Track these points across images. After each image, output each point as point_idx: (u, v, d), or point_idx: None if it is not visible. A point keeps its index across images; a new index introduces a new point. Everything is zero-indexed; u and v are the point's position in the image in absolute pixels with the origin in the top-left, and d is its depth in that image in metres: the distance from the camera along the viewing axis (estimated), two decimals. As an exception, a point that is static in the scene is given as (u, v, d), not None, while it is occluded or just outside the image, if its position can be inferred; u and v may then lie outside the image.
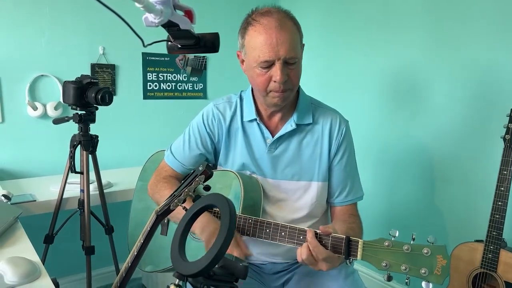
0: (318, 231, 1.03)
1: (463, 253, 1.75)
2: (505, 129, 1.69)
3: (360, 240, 0.97)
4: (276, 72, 1.14)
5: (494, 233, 1.65)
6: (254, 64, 1.17)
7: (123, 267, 1.09)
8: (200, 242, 1.27)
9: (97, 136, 1.76)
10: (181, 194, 1.05)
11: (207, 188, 1.09)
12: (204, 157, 1.35)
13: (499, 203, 1.65)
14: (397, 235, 0.93)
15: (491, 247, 1.65)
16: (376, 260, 0.93)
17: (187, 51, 0.76)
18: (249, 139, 1.31)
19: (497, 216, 1.65)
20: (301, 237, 1.07)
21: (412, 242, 0.92)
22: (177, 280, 0.80)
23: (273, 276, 1.34)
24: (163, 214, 1.07)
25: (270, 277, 1.34)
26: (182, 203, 1.04)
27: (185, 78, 2.67)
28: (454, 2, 1.99)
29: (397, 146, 2.31)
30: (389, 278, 0.93)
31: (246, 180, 1.25)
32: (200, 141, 1.33)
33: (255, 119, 1.29)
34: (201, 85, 2.74)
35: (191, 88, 2.70)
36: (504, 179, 1.65)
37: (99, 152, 1.82)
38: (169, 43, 0.77)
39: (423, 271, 0.88)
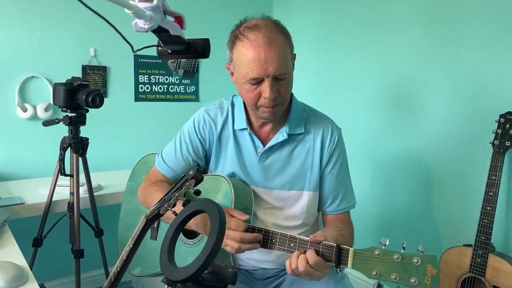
0: (307, 238, 1.04)
1: (452, 257, 1.76)
2: (494, 134, 1.72)
3: (350, 248, 0.97)
4: (265, 89, 1.13)
5: (482, 237, 1.67)
6: (243, 80, 1.15)
7: (112, 271, 1.09)
8: (190, 248, 1.27)
9: (87, 139, 1.75)
10: (171, 198, 1.05)
11: (198, 192, 1.08)
12: (195, 163, 1.35)
13: (488, 208, 1.67)
14: (387, 243, 0.94)
15: (480, 251, 1.67)
16: (367, 269, 0.93)
17: (178, 56, 0.76)
18: (240, 148, 1.30)
19: (485, 221, 1.67)
20: (292, 245, 1.07)
21: (402, 251, 0.93)
22: (166, 286, 0.80)
23: (264, 282, 1.34)
24: (153, 219, 1.06)
25: (261, 282, 1.34)
26: (172, 207, 1.04)
27: (177, 81, 2.67)
28: (451, 8, 2.01)
29: (391, 151, 2.32)
30: (379, 287, 0.94)
31: (237, 185, 1.25)
32: (192, 148, 1.32)
33: (246, 129, 1.28)
34: (193, 88, 2.74)
35: (183, 91, 2.70)
36: (492, 184, 1.67)
37: (90, 154, 1.80)
38: (159, 48, 0.77)
39: (412, 280, 0.88)
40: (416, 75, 2.16)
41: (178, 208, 0.98)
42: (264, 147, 1.28)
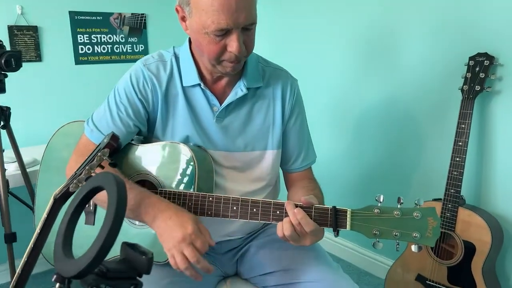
0: (298, 203, 0.93)
1: (421, 213, 1.66)
2: (463, 79, 1.58)
3: (348, 209, 0.91)
4: (233, 41, 0.95)
5: (452, 190, 1.56)
6: (204, 30, 0.96)
7: (20, 264, 0.91)
8: (142, 229, 1.10)
9: (8, 108, 1.52)
10: (82, 173, 0.86)
11: (113, 164, 0.90)
12: (137, 129, 1.14)
13: (457, 158, 1.55)
14: (382, 200, 0.89)
15: (449, 205, 1.57)
16: (366, 229, 0.89)
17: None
18: (193, 107, 1.12)
19: (455, 172, 1.56)
20: (278, 212, 0.95)
21: (399, 205, 0.89)
22: (57, 284, 0.63)
23: (227, 255, 1.21)
24: (62, 198, 0.88)
25: (225, 256, 1.21)
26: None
27: (122, 39, 2.41)
28: None
29: (359, 105, 2.17)
30: (377, 245, 0.89)
31: (198, 153, 1.08)
32: (132, 110, 1.10)
33: (199, 84, 1.10)
34: (141, 47, 2.48)
35: (131, 50, 2.45)
36: (462, 133, 1.55)
37: (24, 126, 1.59)
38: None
39: (415, 235, 0.87)
40: (384, 20, 1.98)
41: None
42: (221, 105, 1.11)
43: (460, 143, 1.55)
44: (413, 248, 0.87)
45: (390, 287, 1.78)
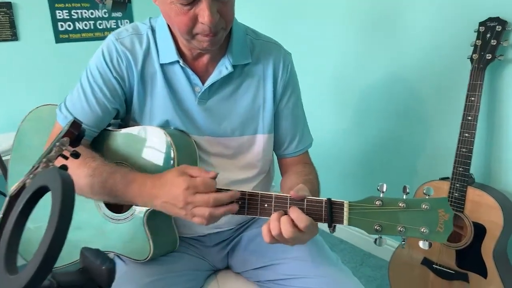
0: (287, 195, 0.80)
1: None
2: (472, 47, 1.44)
3: (345, 202, 0.78)
4: (203, 10, 0.82)
5: (460, 169, 1.45)
6: None
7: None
8: (119, 223, 0.99)
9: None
10: (38, 167, 0.75)
11: (76, 155, 0.78)
12: (115, 111, 1.02)
13: (466, 134, 1.43)
14: (385, 189, 0.77)
15: (458, 184, 1.45)
16: (367, 224, 0.77)
17: None
18: (173, 87, 0.99)
19: (463, 149, 1.44)
20: (266, 205, 0.82)
21: (405, 196, 0.76)
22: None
23: (216, 247, 1.11)
24: (18, 197, 0.77)
25: (214, 249, 1.11)
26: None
27: (105, 14, 2.25)
28: None
29: (360, 81, 2.03)
30: (380, 242, 0.78)
31: (177, 137, 0.96)
32: (107, 90, 0.97)
33: (178, 62, 0.96)
34: (126, 22, 2.32)
35: (115, 26, 2.29)
36: (471, 106, 1.42)
37: (0, 111, 1.46)
38: None
39: (423, 230, 0.74)
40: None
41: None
42: (203, 84, 0.98)
43: (469, 118, 1.43)
44: (421, 244, 0.75)
45: (395, 270, 1.69)
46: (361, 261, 2.07)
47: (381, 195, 0.77)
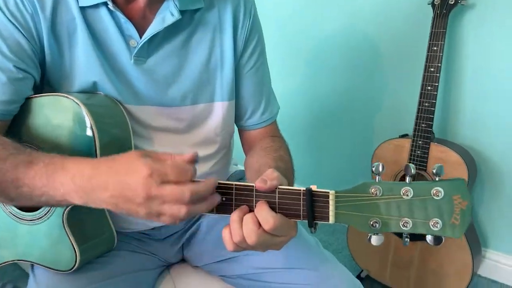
0: (252, 184, 0.58)
1: (386, 152, 1.46)
2: (434, -9, 1.33)
3: (330, 192, 0.57)
4: None
5: (423, 124, 1.35)
6: None
7: None
8: (34, 225, 0.73)
9: None
10: None
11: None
12: (26, 74, 0.71)
13: (429, 87, 1.33)
14: (381, 169, 0.56)
15: (420, 141, 1.37)
16: (360, 220, 0.57)
17: None
18: (98, 39, 0.73)
19: (426, 104, 1.34)
20: (223, 199, 0.59)
21: (407, 179, 0.56)
22: None
23: (167, 241, 0.90)
24: None
25: (164, 243, 0.90)
26: None
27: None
28: None
29: (313, 37, 1.85)
30: (375, 240, 0.57)
31: (95, 107, 0.71)
32: (5, 45, 0.68)
33: (105, 3, 0.71)
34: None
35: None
36: (434, 57, 1.32)
37: None
38: None
39: (433, 223, 0.55)
40: None
41: None
42: (141, 37, 0.73)
43: (432, 69, 1.32)
44: (429, 239, 0.57)
45: (353, 234, 1.62)
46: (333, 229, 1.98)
47: (377, 178, 0.56)
